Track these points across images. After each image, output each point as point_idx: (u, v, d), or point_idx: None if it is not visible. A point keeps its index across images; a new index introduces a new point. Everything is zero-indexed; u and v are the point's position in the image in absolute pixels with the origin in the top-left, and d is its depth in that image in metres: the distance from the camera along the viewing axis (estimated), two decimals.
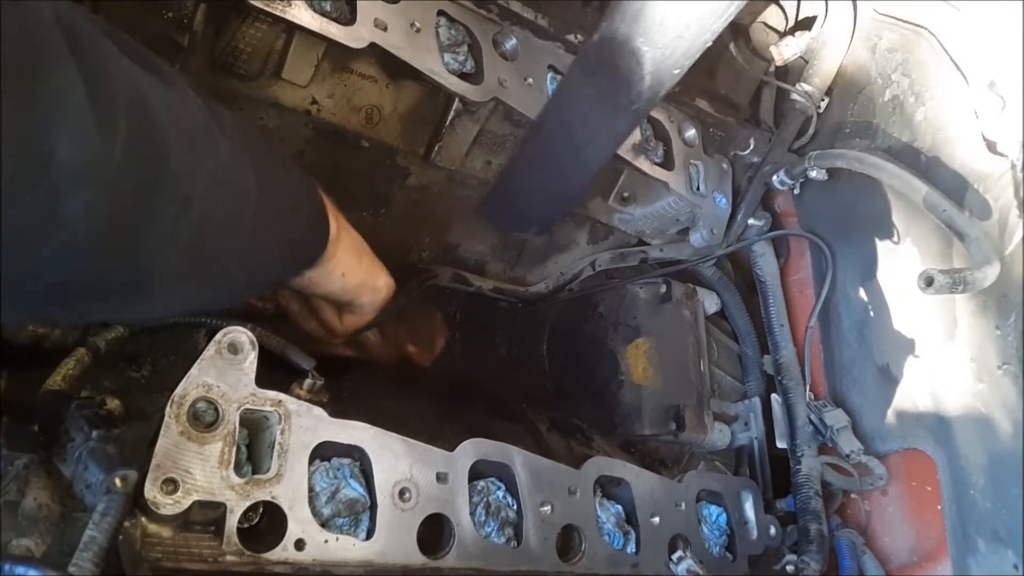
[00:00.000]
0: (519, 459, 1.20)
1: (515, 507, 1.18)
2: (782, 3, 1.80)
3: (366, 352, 1.59)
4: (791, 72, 1.81)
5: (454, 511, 1.09)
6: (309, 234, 1.08)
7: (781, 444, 1.63)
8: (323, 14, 1.17)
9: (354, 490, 1.02)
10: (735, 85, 1.77)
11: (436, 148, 1.48)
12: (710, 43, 1.15)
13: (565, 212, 1.65)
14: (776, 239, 1.81)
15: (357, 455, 1.05)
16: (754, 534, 1.51)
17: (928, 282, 1.23)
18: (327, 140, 1.41)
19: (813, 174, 1.65)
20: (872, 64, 1.67)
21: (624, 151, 1.50)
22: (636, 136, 1.54)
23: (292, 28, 1.18)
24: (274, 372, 1.02)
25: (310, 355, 1.10)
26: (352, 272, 1.18)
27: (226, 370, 0.95)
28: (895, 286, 1.57)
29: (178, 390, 0.91)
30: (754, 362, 1.80)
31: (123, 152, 0.59)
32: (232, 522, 0.90)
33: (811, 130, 1.77)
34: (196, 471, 0.88)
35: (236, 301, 1.11)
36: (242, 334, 0.97)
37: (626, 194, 1.72)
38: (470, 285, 1.74)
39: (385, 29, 1.23)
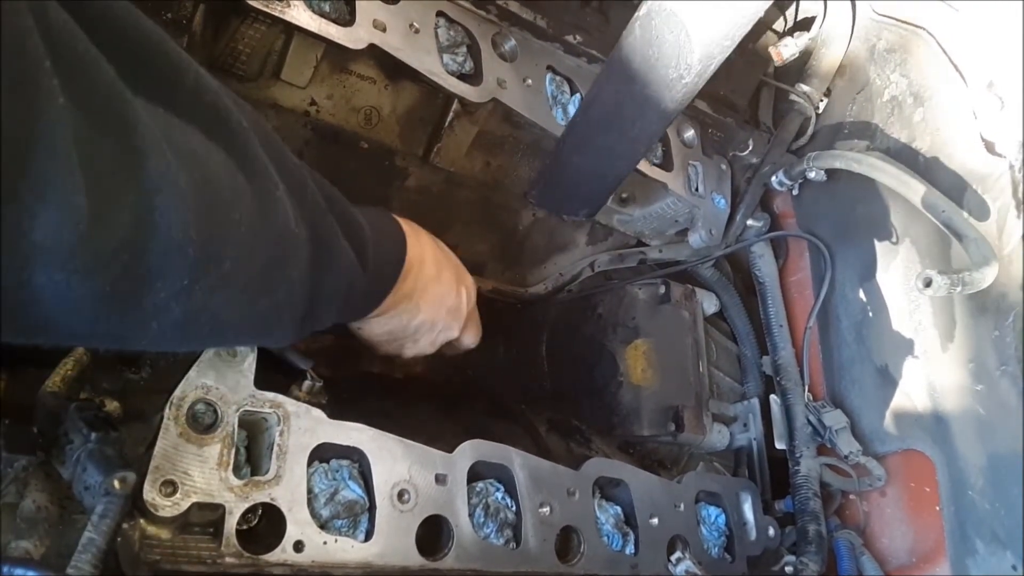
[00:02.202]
0: (518, 460, 1.20)
1: (514, 508, 1.18)
2: (781, 3, 1.80)
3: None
4: (790, 73, 1.81)
5: (453, 512, 1.09)
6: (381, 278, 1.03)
7: (780, 445, 1.63)
8: (322, 15, 1.17)
9: (353, 492, 1.02)
10: (734, 86, 1.77)
11: (435, 149, 1.48)
12: (761, 12, 1.11)
13: (612, 192, 1.61)
14: (775, 240, 1.82)
15: (356, 457, 1.05)
16: (753, 535, 1.51)
17: (927, 283, 1.23)
18: (326, 141, 1.41)
19: (812, 175, 1.65)
20: (871, 65, 1.67)
21: None
22: None
23: (291, 29, 1.18)
24: (273, 374, 1.02)
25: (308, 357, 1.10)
26: (414, 316, 1.14)
27: (225, 372, 0.95)
28: (894, 287, 1.57)
29: (177, 392, 0.91)
30: (753, 363, 1.80)
31: (118, 247, 0.56)
32: (231, 524, 0.90)
33: (810, 131, 1.77)
34: (195, 473, 0.88)
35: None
36: None
37: (625, 195, 1.72)
38: None
39: (384, 30, 1.23)
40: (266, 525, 0.95)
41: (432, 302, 1.17)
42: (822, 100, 1.76)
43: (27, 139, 0.48)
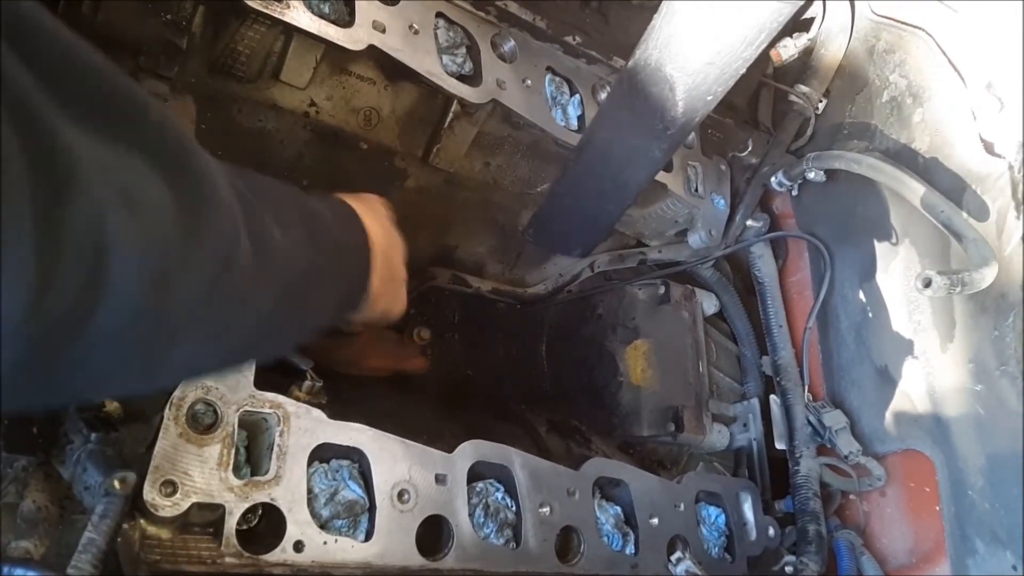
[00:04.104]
0: (518, 460, 1.20)
1: (514, 508, 1.18)
2: None
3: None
4: (789, 73, 1.81)
5: (453, 512, 1.09)
6: (346, 298, 1.01)
7: (780, 445, 1.63)
8: (321, 16, 1.17)
9: (353, 492, 1.02)
10: (733, 86, 1.77)
11: (435, 150, 1.48)
12: (743, 71, 1.15)
13: (605, 234, 1.66)
14: (774, 240, 1.82)
15: (356, 457, 1.05)
16: (753, 535, 1.51)
17: (926, 283, 1.23)
18: (325, 142, 1.41)
19: (811, 175, 1.65)
20: (870, 65, 1.68)
21: None
22: None
23: (290, 30, 1.18)
24: (273, 374, 1.02)
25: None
26: (376, 302, 1.10)
27: (224, 372, 0.95)
28: (893, 287, 1.57)
29: (177, 392, 0.91)
30: (753, 363, 1.80)
31: (68, 309, 0.52)
32: (231, 524, 0.90)
33: (809, 131, 1.78)
34: (195, 473, 0.89)
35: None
36: None
37: None
38: (469, 287, 1.74)
39: (384, 31, 1.23)
40: (266, 525, 0.95)
41: (388, 287, 1.14)
42: (821, 101, 1.76)
43: None
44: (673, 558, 1.33)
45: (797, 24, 1.81)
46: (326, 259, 0.89)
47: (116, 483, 0.79)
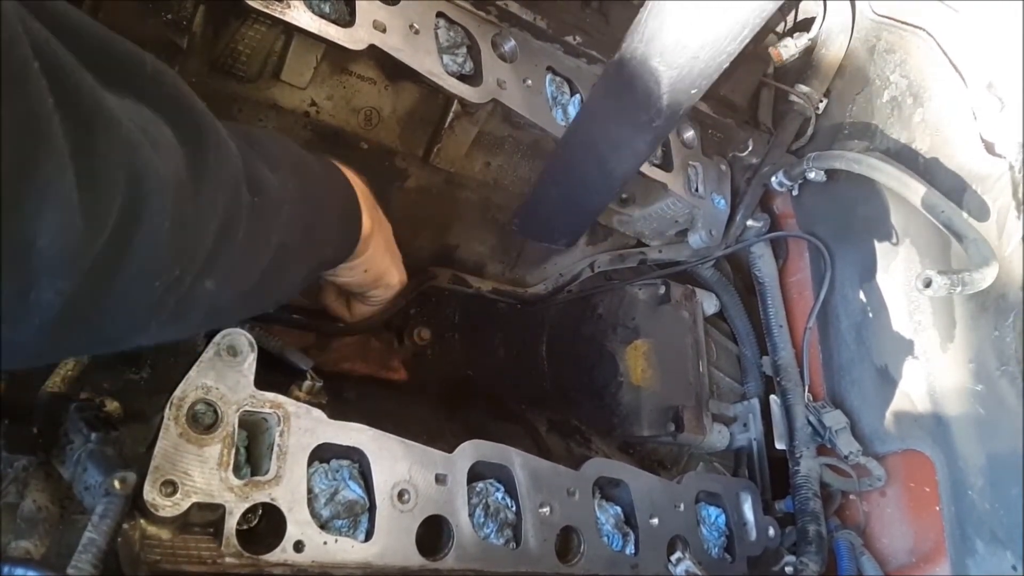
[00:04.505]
0: (518, 460, 1.20)
1: (514, 508, 1.18)
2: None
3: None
4: (789, 73, 1.81)
5: (453, 512, 1.09)
6: (341, 239, 1.07)
7: (780, 445, 1.63)
8: (322, 16, 1.17)
9: (353, 492, 1.02)
10: (733, 86, 1.77)
11: (435, 150, 1.48)
12: (726, 64, 1.16)
13: (589, 223, 1.67)
14: (775, 240, 1.82)
15: (356, 457, 1.05)
16: (753, 535, 1.51)
17: (926, 283, 1.23)
18: (326, 142, 1.41)
19: (811, 175, 1.65)
20: (870, 65, 1.68)
21: None
22: None
23: (291, 30, 1.18)
24: (273, 374, 1.02)
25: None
26: (374, 268, 1.19)
27: (225, 372, 0.95)
28: (894, 287, 1.57)
29: (177, 392, 0.91)
30: (753, 363, 1.80)
31: (107, 241, 0.55)
32: (231, 524, 0.90)
33: (809, 131, 1.78)
34: (195, 473, 0.89)
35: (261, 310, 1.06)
36: (241, 336, 0.97)
37: (625, 195, 1.73)
38: (469, 286, 1.74)
39: (384, 31, 1.23)
40: (266, 525, 0.95)
41: (385, 256, 1.23)
42: (822, 101, 1.76)
43: (29, 141, 0.47)
44: (673, 558, 1.33)
45: (797, 24, 1.81)
46: (320, 198, 0.96)
47: (116, 483, 0.79)
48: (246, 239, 0.75)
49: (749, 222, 1.76)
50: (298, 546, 0.94)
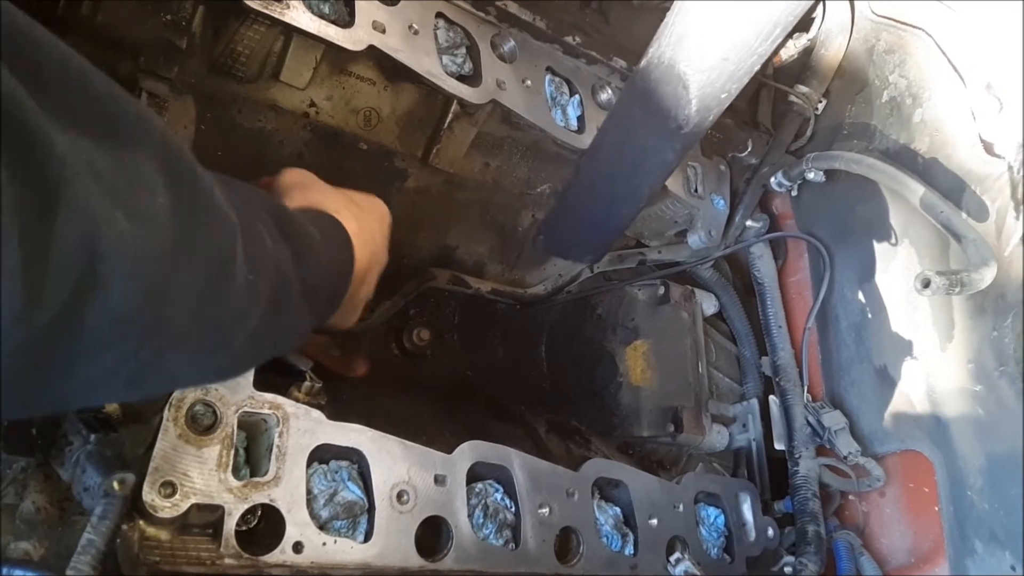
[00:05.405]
0: (517, 461, 1.20)
1: (513, 509, 1.18)
2: None
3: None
4: (788, 73, 1.81)
5: (452, 513, 1.09)
6: (325, 308, 0.99)
7: (779, 446, 1.63)
8: (321, 16, 1.17)
9: (352, 492, 1.02)
10: None
11: (434, 150, 1.48)
12: (758, 66, 1.13)
13: (616, 239, 1.65)
14: (774, 241, 1.82)
15: (355, 457, 1.05)
16: (752, 536, 1.51)
17: (925, 283, 1.23)
18: (325, 142, 1.41)
19: (811, 176, 1.65)
20: (870, 65, 1.67)
21: None
22: None
23: (290, 30, 1.18)
24: (272, 375, 1.02)
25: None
26: (350, 306, 1.11)
27: None
28: (893, 288, 1.57)
29: (176, 393, 0.91)
30: (752, 364, 1.80)
31: (58, 315, 0.52)
32: (230, 525, 0.90)
33: (809, 132, 1.77)
34: (194, 474, 0.89)
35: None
36: None
37: None
38: (468, 287, 1.74)
39: (383, 31, 1.23)
40: (265, 526, 0.95)
41: (367, 284, 1.14)
42: (821, 101, 1.76)
43: None
44: (672, 559, 1.33)
45: (797, 24, 1.81)
46: (313, 275, 0.88)
47: (115, 484, 0.79)
48: (222, 320, 0.69)
49: (748, 222, 1.76)
50: (297, 547, 0.94)
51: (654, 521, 1.34)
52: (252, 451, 0.99)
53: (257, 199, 0.82)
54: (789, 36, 1.76)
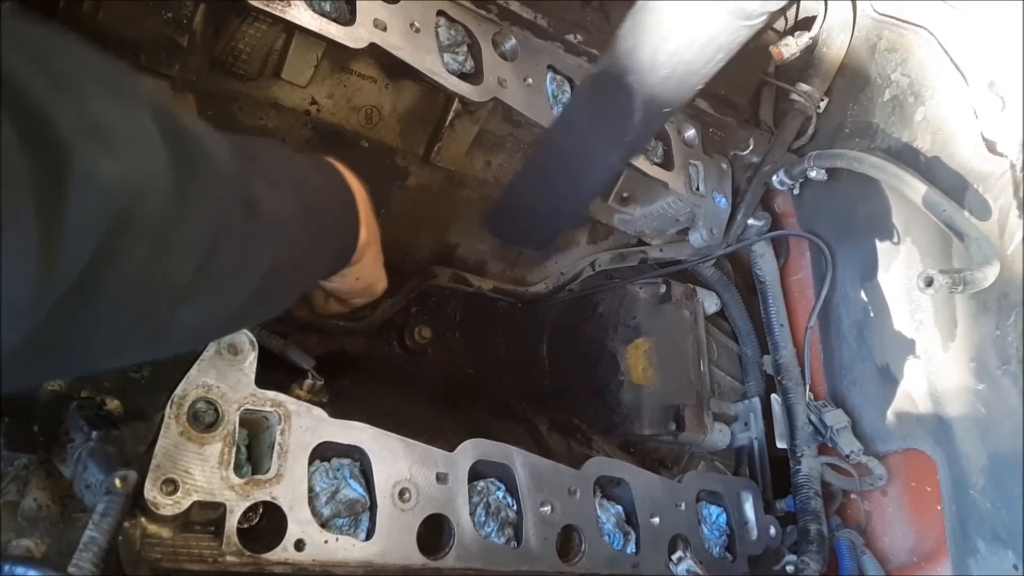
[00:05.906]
0: (519, 459, 1.20)
1: (515, 507, 1.18)
2: None
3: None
4: (790, 72, 1.81)
5: (454, 511, 1.09)
6: (335, 256, 1.03)
7: (781, 444, 1.63)
8: (323, 14, 1.17)
9: (354, 490, 1.02)
10: (734, 85, 1.77)
11: (436, 148, 1.48)
12: (700, 86, 1.18)
13: (562, 232, 1.68)
14: (776, 239, 1.81)
15: (357, 455, 1.05)
16: (754, 534, 1.51)
17: (928, 282, 1.23)
18: (326, 140, 1.41)
19: (813, 174, 1.65)
20: (871, 64, 1.67)
21: None
22: None
23: (292, 28, 1.18)
24: (274, 372, 1.02)
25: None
26: (366, 277, 1.15)
27: (226, 371, 0.95)
28: (895, 286, 1.57)
29: (178, 390, 0.91)
30: (754, 362, 1.80)
31: (77, 283, 0.53)
32: (232, 522, 0.90)
33: (811, 130, 1.77)
34: (196, 471, 0.89)
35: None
36: (242, 334, 0.97)
37: (625, 194, 1.72)
38: (470, 285, 1.74)
39: (385, 29, 1.23)
40: (267, 524, 0.95)
41: (375, 266, 1.17)
42: (823, 99, 1.76)
43: None
44: (674, 557, 1.33)
45: (798, 22, 1.81)
46: (317, 216, 0.91)
47: (117, 481, 0.79)
48: (231, 267, 0.71)
49: (750, 221, 1.76)
50: (299, 545, 0.94)
51: (656, 519, 1.34)
52: (254, 449, 0.99)
53: (253, 147, 0.84)
54: (790, 34, 1.76)
